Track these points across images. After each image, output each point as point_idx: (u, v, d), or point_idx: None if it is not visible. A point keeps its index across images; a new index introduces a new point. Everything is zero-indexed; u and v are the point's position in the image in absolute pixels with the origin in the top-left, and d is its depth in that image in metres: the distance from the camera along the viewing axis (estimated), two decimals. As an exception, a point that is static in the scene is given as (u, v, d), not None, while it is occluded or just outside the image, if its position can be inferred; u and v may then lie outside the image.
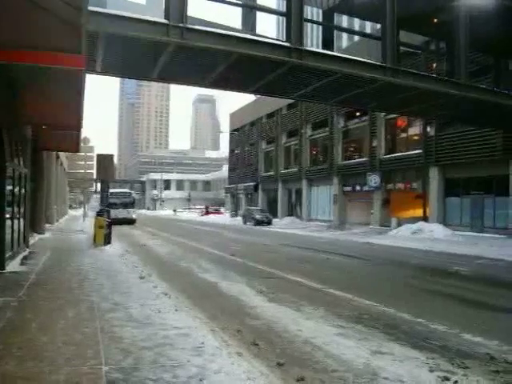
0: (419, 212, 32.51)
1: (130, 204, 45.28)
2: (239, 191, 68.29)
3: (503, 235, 27.25)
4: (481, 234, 28.91)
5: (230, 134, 74.14)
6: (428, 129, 34.06)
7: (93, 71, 15.09)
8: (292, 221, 48.21)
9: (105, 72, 16.09)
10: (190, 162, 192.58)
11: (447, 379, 5.21)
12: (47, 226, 26.34)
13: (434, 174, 33.57)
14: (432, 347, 6.45)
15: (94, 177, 33.15)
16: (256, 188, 62.57)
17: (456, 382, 5.16)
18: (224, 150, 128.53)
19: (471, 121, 26.02)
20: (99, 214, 19.95)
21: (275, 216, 51.18)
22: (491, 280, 13.35)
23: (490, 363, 5.83)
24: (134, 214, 44.64)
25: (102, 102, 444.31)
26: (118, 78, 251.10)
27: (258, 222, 45.24)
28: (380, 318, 8.11)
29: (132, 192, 51.38)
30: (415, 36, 24.10)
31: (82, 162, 36.98)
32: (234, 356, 5.67)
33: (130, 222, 42.57)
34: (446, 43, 20.18)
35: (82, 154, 33.95)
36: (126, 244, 21.62)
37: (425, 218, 31.53)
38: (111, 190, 43.24)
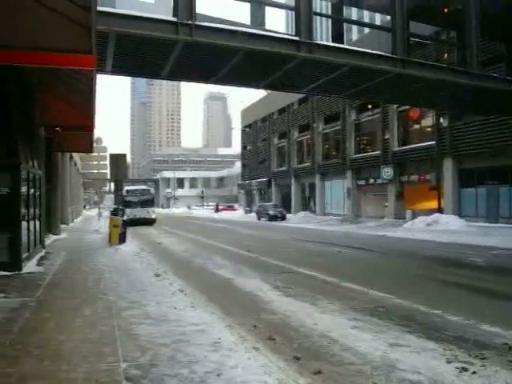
0: (434, 204, 32.35)
1: (150, 202, 41.33)
2: (252, 187, 68.31)
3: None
4: (496, 225, 28.65)
5: (242, 130, 74.14)
6: (441, 119, 33.83)
7: (103, 71, 15.15)
8: (306, 215, 48.12)
9: (115, 72, 16.16)
10: (203, 159, 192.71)
11: (465, 370, 5.18)
12: (62, 226, 26.54)
13: (447, 165, 33.34)
14: (449, 338, 6.42)
15: (108, 176, 33.20)
16: (269, 184, 62.54)
17: (474, 372, 5.13)
18: (236, 146, 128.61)
19: (484, 110, 25.79)
20: (114, 213, 20.07)
21: (289, 211, 51.12)
22: (506, 270, 13.26)
23: (508, 353, 5.79)
24: (153, 213, 40.62)
25: (114, 102, 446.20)
26: (129, 78, 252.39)
27: (272, 218, 45.23)
28: (395, 310, 8.08)
29: (151, 189, 46.67)
30: (425, 26, 23.90)
31: (96, 162, 37.02)
32: (251, 351, 5.69)
33: (150, 222, 38.88)
34: (457, 33, 20.04)
35: (96, 154, 34.03)
36: (141, 242, 21.73)
37: (439, 210, 31.36)
38: (128, 188, 42.86)
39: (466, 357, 5.64)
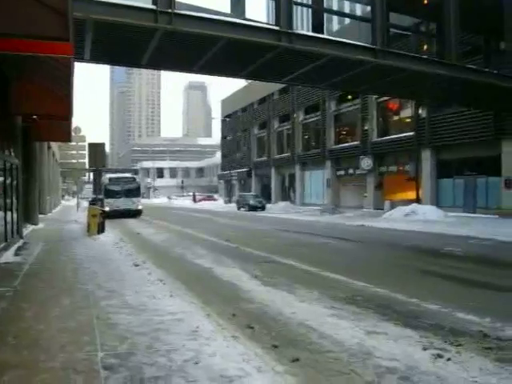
0: (412, 194, 32.65)
1: (135, 191, 37.09)
2: (232, 177, 68.31)
3: (495, 215, 27.40)
4: (473, 215, 29.05)
5: (222, 120, 74.00)
6: (420, 111, 34.10)
7: (81, 59, 15.03)
8: (286, 206, 48.29)
9: (93, 60, 16.03)
10: (183, 149, 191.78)
11: (440, 357, 5.26)
12: (41, 216, 26.27)
13: (426, 156, 33.66)
14: (425, 326, 6.51)
15: (87, 166, 32.82)
16: (249, 174, 62.57)
17: (449, 359, 5.21)
18: (216, 136, 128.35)
19: (463, 102, 26.06)
20: (92, 202, 19.93)
21: (269, 201, 51.25)
22: (483, 259, 13.44)
23: (482, 340, 5.88)
24: (139, 203, 36.76)
25: (93, 91, 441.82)
26: (108, 66, 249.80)
27: (252, 208, 45.27)
28: (374, 299, 8.16)
29: (136, 177, 41.46)
30: (405, 18, 24.03)
31: (74, 152, 36.60)
32: (229, 339, 5.71)
33: (135, 213, 35.62)
34: (437, 24, 20.19)
35: (74, 143, 33.71)
36: (120, 232, 21.61)
37: (418, 200, 31.66)
38: (110, 175, 39.70)
39: (441, 344, 5.72)
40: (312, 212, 39.80)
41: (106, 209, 28.47)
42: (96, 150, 22.61)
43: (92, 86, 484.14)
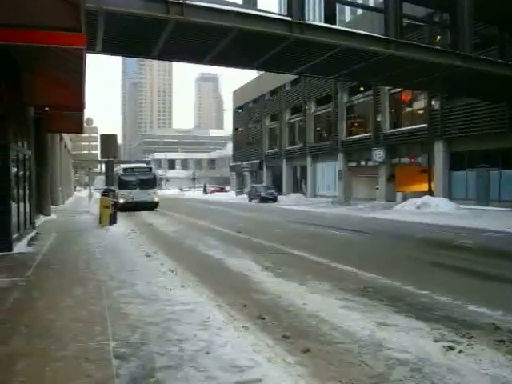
0: (424, 186, 32.43)
1: (151, 182, 34.11)
2: (244, 169, 68.27)
3: (509, 208, 27.19)
4: (486, 208, 28.85)
5: (234, 111, 73.88)
6: (433, 102, 33.84)
7: (93, 51, 15.05)
8: (297, 197, 48.17)
9: (105, 51, 16.06)
10: (195, 140, 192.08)
11: (452, 349, 5.24)
12: (53, 207, 26.44)
13: (438, 148, 33.41)
14: (437, 318, 6.48)
15: (99, 157, 32.90)
16: (261, 165, 62.50)
17: (461, 351, 5.19)
18: (228, 128, 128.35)
19: (476, 93, 25.83)
20: (104, 194, 19.98)
21: (280, 193, 51.23)
22: (495, 252, 13.37)
23: (494, 333, 5.85)
24: (155, 195, 33.91)
25: (105, 83, 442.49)
26: (120, 58, 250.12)
27: (264, 199, 45.28)
28: (385, 291, 8.14)
29: (152, 167, 39.13)
30: (419, 8, 23.81)
31: (86, 143, 36.74)
32: (240, 330, 5.72)
33: (152, 206, 33.05)
34: (450, 15, 19.97)
35: (86, 134, 33.81)
36: (131, 223, 21.71)
37: (430, 192, 31.46)
38: (125, 166, 37.51)
39: (453, 336, 5.70)
40: (323, 204, 39.78)
41: (120, 201, 27.99)
42: (108, 141, 22.67)
43: (104, 78, 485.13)
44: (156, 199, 33.55)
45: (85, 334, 5.36)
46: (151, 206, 32.79)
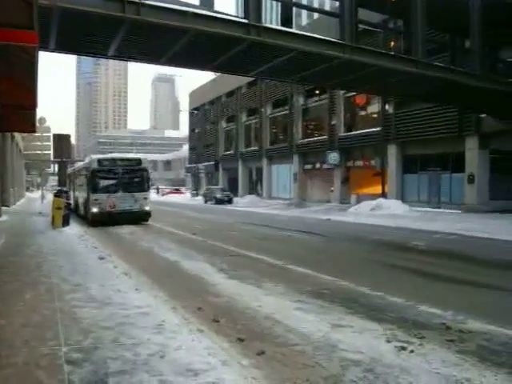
0: (378, 189, 33.03)
1: (141, 182, 23.14)
2: (200, 170, 68.01)
3: (459, 210, 27.91)
4: (438, 210, 29.57)
5: (190, 113, 73.61)
6: (386, 106, 34.49)
7: (47, 48, 14.74)
8: (253, 199, 48.32)
9: (59, 49, 15.75)
10: (150, 142, 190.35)
11: (404, 349, 5.34)
12: (4, 208, 25.77)
13: (392, 151, 34.06)
14: (390, 319, 6.59)
15: (52, 158, 32.18)
16: (216, 167, 62.41)
17: (412, 351, 5.29)
18: (184, 129, 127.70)
19: (429, 99, 26.41)
20: (57, 194, 19.58)
21: (236, 195, 51.29)
22: (447, 253, 13.67)
23: (445, 333, 5.98)
24: (147, 203, 23.03)
25: (59, 82, 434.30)
26: (75, 56, 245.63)
27: (219, 201, 45.25)
28: (339, 293, 8.23)
29: (143, 158, 24.83)
30: (374, 14, 24.23)
31: (39, 143, 35.96)
32: (195, 333, 5.69)
33: (141, 217, 22.71)
34: (404, 21, 20.40)
35: (39, 134, 33.08)
36: (85, 225, 21.31)
37: (383, 195, 32.04)
38: (102, 156, 24.93)
39: (405, 336, 5.80)
40: (279, 206, 39.96)
41: (93, 210, 21.34)
42: (61, 141, 22.32)
43: (58, 77, 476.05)
44: (147, 208, 22.80)
45: (36, 340, 5.24)
46: (140, 218, 22.66)
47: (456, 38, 25.78)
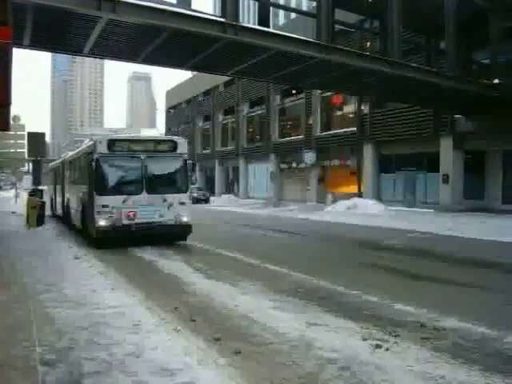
0: (354, 188, 33.22)
1: (175, 176, 15.59)
2: (176, 169, 67.53)
3: (434, 210, 28.22)
4: (413, 209, 29.80)
5: (167, 111, 73.26)
6: (362, 106, 34.69)
7: (21, 45, 14.55)
8: (229, 198, 48.28)
9: (34, 46, 15.54)
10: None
11: (379, 347, 5.39)
12: (-24, 207, 25.39)
13: (368, 151, 34.28)
14: (365, 317, 6.65)
15: (26, 156, 31.79)
16: (193, 166, 62.12)
17: (387, 349, 5.35)
18: (161, 127, 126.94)
19: (405, 99, 26.63)
20: (32, 194, 19.36)
21: (213, 194, 51.20)
22: (421, 252, 13.80)
23: (419, 330, 6.06)
24: (184, 210, 14.84)
25: (34, 79, 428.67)
26: (50, 54, 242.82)
27: (196, 200, 45.09)
28: (316, 291, 8.27)
29: (178, 140, 15.72)
30: (350, 14, 24.35)
31: (13, 141, 35.51)
32: (172, 333, 5.68)
33: (176, 234, 15.04)
34: (380, 22, 20.52)
35: (13, 132, 32.64)
36: (60, 225, 21.07)
37: (359, 194, 32.24)
38: (113, 137, 16.75)
39: (380, 334, 5.86)
40: (255, 205, 40.00)
41: (101, 223, 13.53)
42: (36, 139, 22.02)
43: (33, 74, 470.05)
44: (185, 218, 14.91)
45: (10, 341, 5.19)
46: (174, 236, 15.13)
47: (431, 39, 26.06)
